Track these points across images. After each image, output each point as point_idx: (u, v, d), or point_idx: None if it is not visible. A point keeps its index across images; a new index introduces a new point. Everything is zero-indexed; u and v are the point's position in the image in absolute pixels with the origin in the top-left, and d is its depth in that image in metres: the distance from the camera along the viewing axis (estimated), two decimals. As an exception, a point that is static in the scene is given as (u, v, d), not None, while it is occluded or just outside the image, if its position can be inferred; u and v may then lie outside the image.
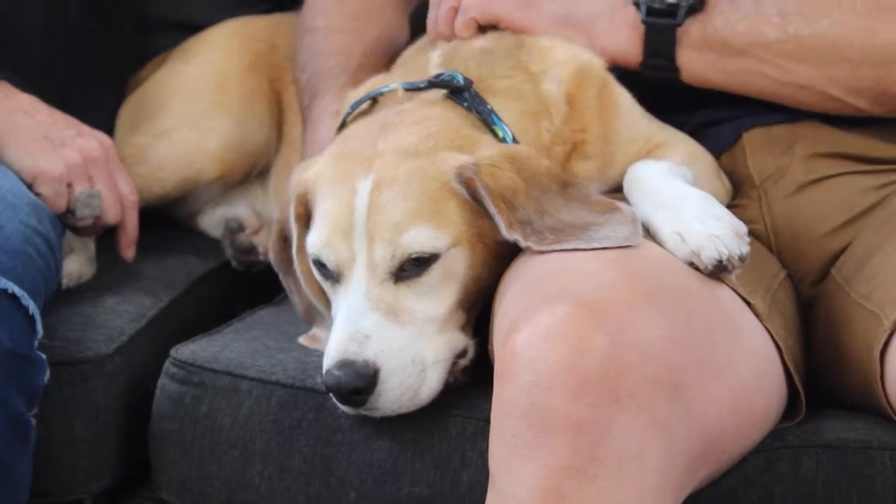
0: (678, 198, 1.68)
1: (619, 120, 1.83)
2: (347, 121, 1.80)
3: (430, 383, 1.66)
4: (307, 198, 1.73)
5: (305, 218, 1.74)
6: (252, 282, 2.17)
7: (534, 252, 1.62)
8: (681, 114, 1.89)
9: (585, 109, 1.80)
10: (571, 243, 1.61)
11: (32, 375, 1.75)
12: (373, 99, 1.80)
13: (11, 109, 1.95)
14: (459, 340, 1.69)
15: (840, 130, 1.85)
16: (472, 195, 1.66)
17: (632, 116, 1.84)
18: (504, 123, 1.74)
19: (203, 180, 2.22)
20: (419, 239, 1.64)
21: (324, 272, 1.70)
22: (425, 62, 1.83)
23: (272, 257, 1.83)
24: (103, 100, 2.23)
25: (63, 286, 1.99)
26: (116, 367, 1.90)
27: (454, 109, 1.75)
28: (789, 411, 1.71)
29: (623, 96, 1.84)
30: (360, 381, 1.62)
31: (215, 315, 2.03)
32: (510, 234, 1.63)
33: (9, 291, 1.73)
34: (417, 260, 1.65)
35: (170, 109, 2.23)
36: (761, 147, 1.87)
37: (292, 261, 1.79)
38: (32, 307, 1.76)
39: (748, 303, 1.66)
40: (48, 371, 1.78)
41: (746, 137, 1.87)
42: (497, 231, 1.65)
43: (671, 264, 1.62)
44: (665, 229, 1.65)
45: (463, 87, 1.75)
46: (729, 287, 1.64)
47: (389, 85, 1.79)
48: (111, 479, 1.91)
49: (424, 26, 1.97)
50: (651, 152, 1.83)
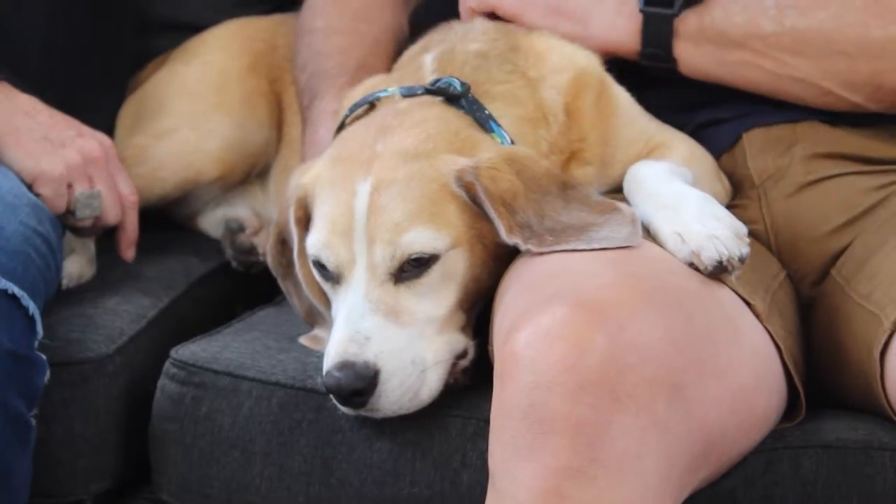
0: (678, 198, 1.68)
1: (619, 120, 1.82)
2: (346, 122, 1.79)
3: (431, 384, 1.66)
4: (306, 201, 1.73)
5: (305, 221, 1.73)
6: (252, 282, 2.17)
7: (533, 253, 1.62)
8: (681, 114, 1.89)
9: (584, 119, 1.79)
10: (571, 244, 1.61)
11: (32, 376, 1.75)
12: (370, 104, 1.79)
13: (12, 110, 1.95)
14: (459, 341, 1.69)
15: (840, 131, 1.85)
16: (472, 198, 1.66)
17: (631, 117, 1.84)
18: (502, 129, 1.73)
19: (203, 181, 2.23)
20: (419, 240, 1.64)
21: (324, 273, 1.70)
22: (420, 66, 1.82)
23: (270, 261, 1.83)
24: (103, 100, 2.23)
25: (63, 287, 1.99)
26: (116, 368, 1.90)
27: (452, 110, 1.74)
28: (789, 412, 1.71)
29: (622, 97, 1.84)
30: (361, 383, 1.62)
31: (215, 316, 2.03)
32: (510, 238, 1.63)
33: (9, 292, 1.73)
34: (417, 261, 1.65)
35: (170, 110, 2.23)
36: (761, 147, 1.87)
37: (291, 264, 1.79)
38: (32, 308, 1.75)
39: (748, 303, 1.66)
40: (48, 372, 1.78)
41: (746, 138, 1.87)
42: (497, 233, 1.65)
43: (671, 265, 1.61)
44: (665, 230, 1.65)
45: (460, 94, 1.74)
46: (729, 288, 1.64)
47: (387, 89, 1.78)
48: (111, 480, 1.91)
49: (424, 26, 1.96)
50: (651, 153, 1.82)
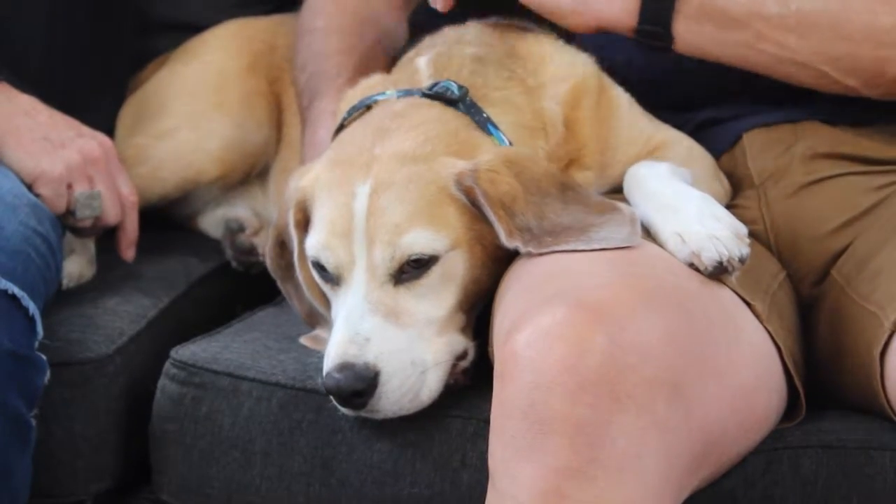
0: (678, 199, 1.68)
1: (618, 122, 1.82)
2: (344, 125, 1.78)
3: (431, 385, 1.66)
4: (305, 204, 1.73)
5: (305, 224, 1.73)
6: (252, 282, 2.16)
7: (533, 255, 1.62)
8: (681, 114, 1.88)
9: (583, 129, 1.79)
10: (571, 244, 1.61)
11: (33, 376, 1.76)
12: (367, 106, 1.78)
13: (12, 111, 1.96)
14: (459, 342, 1.69)
15: (840, 131, 1.85)
16: (472, 201, 1.66)
17: (631, 117, 1.84)
18: (501, 133, 1.73)
19: (203, 181, 2.23)
20: (419, 241, 1.64)
21: (323, 275, 1.70)
22: (416, 69, 1.81)
23: (269, 263, 1.83)
24: (103, 101, 2.23)
25: (63, 287, 1.99)
26: (117, 368, 1.90)
27: (451, 112, 1.73)
28: (789, 412, 1.71)
29: (621, 98, 1.83)
30: (360, 384, 1.62)
31: (215, 316, 2.03)
32: (510, 242, 1.63)
33: (9, 292, 1.73)
34: (417, 262, 1.65)
35: (170, 110, 2.23)
36: (761, 147, 1.86)
37: (291, 267, 1.78)
38: (32, 308, 1.76)
39: (748, 303, 1.66)
40: (48, 372, 1.78)
41: (746, 138, 1.87)
42: (496, 234, 1.65)
43: (671, 265, 1.61)
44: (665, 230, 1.65)
45: (457, 99, 1.73)
46: (729, 288, 1.64)
47: (385, 93, 1.78)
48: (111, 480, 1.91)
49: (424, 27, 1.94)
50: (651, 153, 1.82)
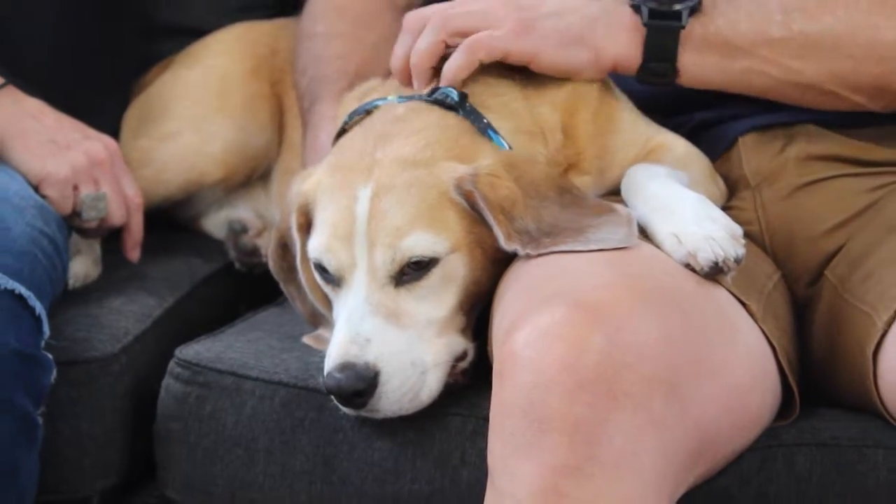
0: (675, 200, 1.68)
1: (618, 125, 1.82)
2: (345, 128, 1.77)
3: (430, 386, 1.66)
4: (308, 208, 1.72)
5: (307, 228, 1.73)
6: (255, 283, 2.16)
7: (532, 256, 1.62)
8: (677, 117, 1.88)
9: (581, 136, 1.78)
10: (568, 245, 1.61)
11: (39, 375, 1.76)
12: (368, 111, 1.77)
13: (18, 113, 1.97)
14: (459, 343, 1.69)
15: (834, 133, 1.84)
16: (471, 205, 1.65)
17: (629, 120, 1.83)
18: (501, 138, 1.72)
19: (206, 183, 2.23)
20: (419, 243, 1.64)
21: (325, 276, 1.70)
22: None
23: (271, 265, 1.83)
24: (109, 104, 2.24)
25: (69, 287, 2.00)
26: (122, 367, 1.91)
27: (451, 117, 1.72)
28: (784, 410, 1.71)
29: (621, 100, 1.83)
30: (361, 384, 1.62)
31: (219, 316, 2.03)
32: (509, 245, 1.63)
33: (16, 292, 1.74)
34: (417, 264, 1.65)
35: (173, 113, 2.24)
36: (756, 149, 1.86)
37: (293, 269, 1.78)
38: (39, 308, 1.76)
39: (743, 303, 1.66)
40: (55, 371, 1.78)
41: (742, 140, 1.86)
42: (495, 238, 1.65)
43: (668, 266, 1.62)
44: (662, 231, 1.65)
45: (457, 106, 1.72)
46: (724, 288, 1.64)
47: (386, 98, 1.77)
48: (117, 478, 1.92)
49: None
50: (648, 155, 1.81)
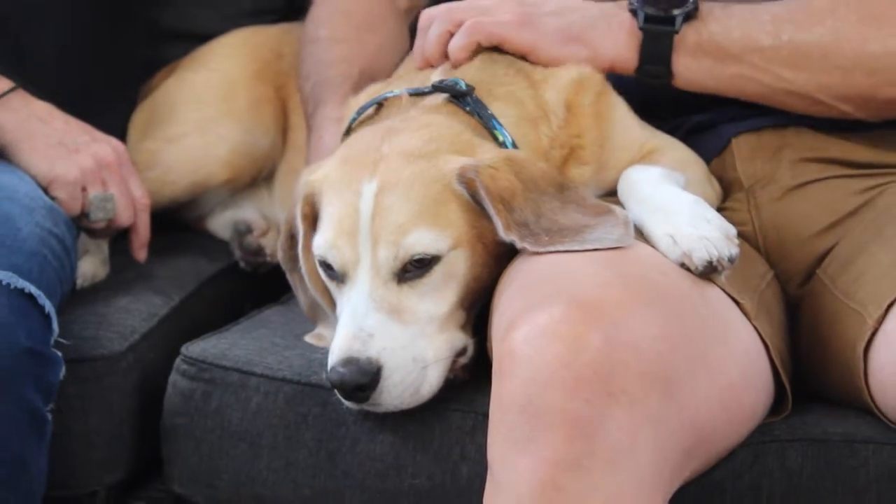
0: (670, 201, 1.70)
1: (615, 126, 1.83)
2: (353, 126, 1.81)
3: (431, 380, 1.67)
4: (314, 199, 1.73)
5: (311, 218, 1.74)
6: (259, 282, 2.19)
7: (530, 253, 1.62)
8: (672, 120, 1.90)
9: (582, 116, 1.80)
10: (566, 244, 1.61)
11: (49, 372, 1.77)
12: (378, 104, 1.80)
13: (28, 116, 1.98)
14: (459, 339, 1.70)
15: (826, 136, 1.86)
16: (473, 196, 1.66)
17: (626, 123, 1.85)
18: (504, 128, 1.75)
19: (212, 184, 2.25)
20: (421, 241, 1.65)
21: (329, 273, 1.71)
22: (427, 71, 1.83)
23: (280, 255, 1.83)
24: (117, 107, 2.25)
25: (78, 286, 2.01)
26: (129, 365, 1.92)
27: (456, 115, 1.75)
28: (776, 406, 1.72)
29: (619, 103, 1.85)
30: (364, 378, 1.63)
31: (224, 314, 2.04)
32: (507, 236, 1.64)
33: (26, 291, 1.75)
34: (420, 261, 1.66)
35: (180, 116, 2.24)
36: (750, 152, 1.88)
37: (298, 259, 1.78)
38: (48, 306, 1.77)
39: (737, 302, 1.67)
40: (64, 368, 1.79)
41: (735, 143, 1.88)
42: (496, 232, 1.65)
43: (663, 265, 1.63)
44: (658, 231, 1.66)
45: (465, 93, 1.75)
46: (719, 287, 1.65)
47: (394, 90, 1.79)
48: (124, 472, 1.93)
49: (414, 46, 1.92)
50: (644, 157, 1.83)
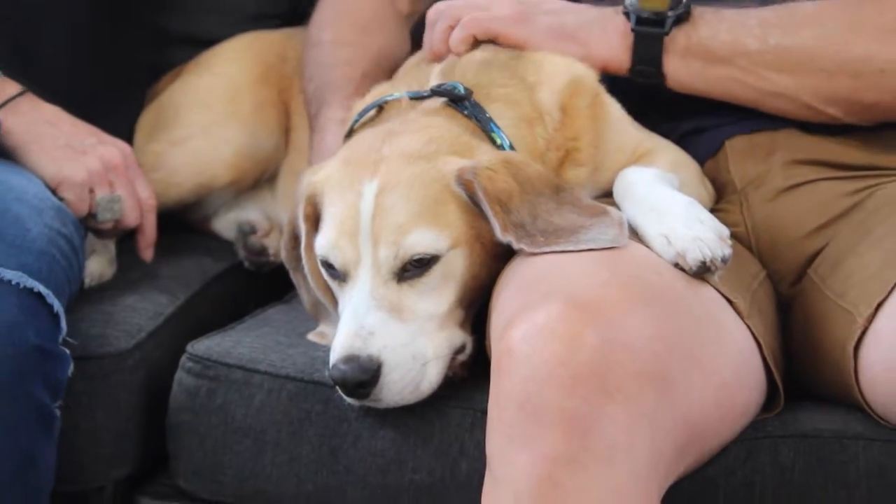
0: (665, 202, 1.71)
1: (610, 128, 1.84)
2: (355, 128, 1.82)
3: (431, 377, 1.69)
4: (316, 199, 1.75)
5: (314, 218, 1.75)
6: (263, 281, 2.20)
7: (527, 253, 1.64)
8: (667, 123, 1.91)
9: (578, 118, 1.81)
10: (561, 245, 1.63)
11: (57, 370, 1.79)
12: (379, 107, 1.82)
13: (37, 120, 1.99)
14: (458, 337, 1.72)
15: (817, 138, 1.87)
16: (471, 197, 1.68)
17: (621, 125, 1.86)
18: (501, 131, 1.76)
19: (216, 185, 2.26)
20: (421, 241, 1.67)
21: (331, 272, 1.72)
22: (427, 73, 1.85)
23: (284, 255, 1.84)
24: (123, 110, 2.26)
25: (85, 286, 2.02)
26: (136, 362, 1.93)
27: (454, 118, 1.76)
28: (769, 403, 1.74)
29: (613, 106, 1.86)
30: (365, 375, 1.65)
31: (229, 312, 2.05)
32: (504, 237, 1.65)
33: (35, 290, 1.77)
34: (419, 261, 1.67)
35: (185, 119, 2.26)
36: (743, 154, 1.89)
37: (301, 258, 1.80)
38: (57, 305, 1.79)
39: (730, 301, 1.68)
40: (72, 365, 1.80)
41: (728, 145, 1.90)
42: (493, 231, 1.67)
43: (658, 265, 1.64)
44: (652, 232, 1.67)
45: (463, 97, 1.77)
46: (712, 287, 1.66)
47: (394, 94, 1.81)
48: (131, 467, 1.95)
49: (423, 40, 1.96)
50: (639, 159, 1.84)
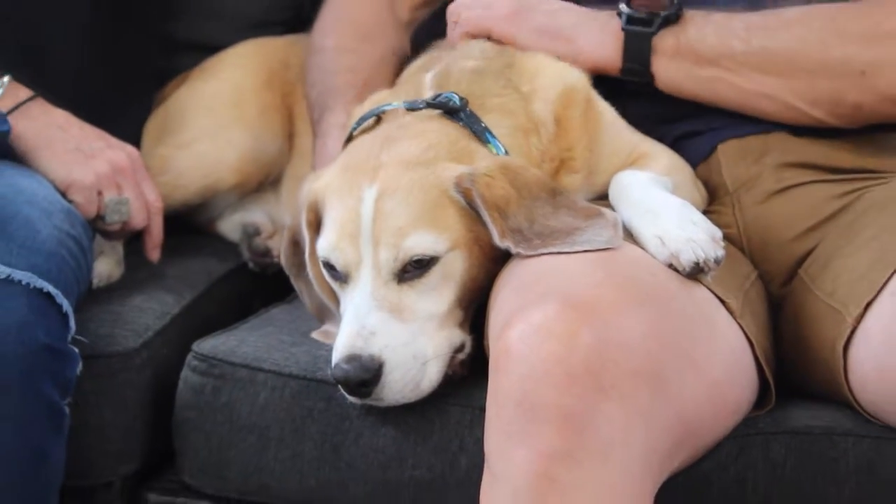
0: (659, 205, 1.72)
1: (604, 133, 1.86)
2: (353, 135, 1.83)
3: (431, 376, 1.70)
4: (317, 206, 1.76)
5: (316, 225, 1.77)
6: (267, 282, 2.20)
7: (524, 256, 1.65)
8: (661, 126, 1.92)
9: (572, 129, 1.82)
10: (557, 247, 1.64)
11: (66, 368, 1.80)
12: (377, 116, 1.82)
13: (47, 124, 2.00)
14: (458, 336, 1.73)
15: (808, 142, 1.88)
16: (469, 203, 1.69)
17: (615, 129, 1.88)
18: (497, 140, 1.77)
19: (221, 188, 2.28)
20: (420, 243, 1.68)
21: (333, 273, 1.74)
22: (421, 83, 1.85)
23: (283, 261, 1.86)
24: (131, 114, 2.27)
25: (94, 286, 2.04)
26: (143, 361, 1.95)
27: (451, 123, 1.77)
28: (760, 401, 1.75)
29: (607, 111, 1.87)
30: (366, 374, 1.66)
31: (234, 312, 2.07)
32: (502, 242, 1.67)
33: (44, 291, 1.78)
34: (419, 262, 1.69)
35: (191, 123, 2.27)
36: (735, 157, 1.90)
37: (303, 265, 1.81)
38: (66, 305, 1.80)
39: (723, 301, 1.70)
40: (80, 364, 1.82)
41: (721, 148, 1.91)
42: (491, 235, 1.68)
43: (652, 266, 1.65)
44: (647, 233, 1.69)
45: (458, 108, 1.77)
46: (705, 287, 1.68)
47: (392, 103, 1.82)
48: (138, 464, 1.96)
49: (424, 46, 2.02)
50: (634, 162, 1.86)
